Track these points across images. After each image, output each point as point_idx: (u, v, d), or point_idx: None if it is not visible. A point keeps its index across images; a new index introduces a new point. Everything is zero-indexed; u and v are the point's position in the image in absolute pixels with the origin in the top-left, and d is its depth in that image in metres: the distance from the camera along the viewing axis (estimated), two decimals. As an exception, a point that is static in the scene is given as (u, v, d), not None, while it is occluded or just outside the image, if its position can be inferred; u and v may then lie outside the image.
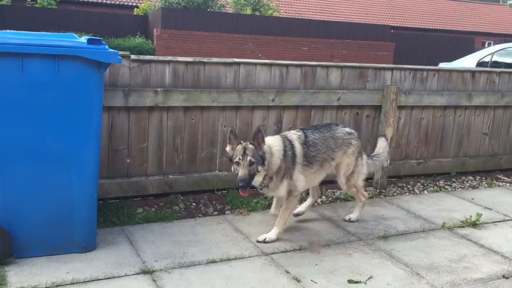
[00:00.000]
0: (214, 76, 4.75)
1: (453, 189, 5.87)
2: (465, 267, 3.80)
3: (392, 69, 5.64)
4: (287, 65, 5.10)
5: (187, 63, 4.63)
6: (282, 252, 3.89)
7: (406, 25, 34.25)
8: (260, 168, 3.74)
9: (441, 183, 6.00)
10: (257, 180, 3.84)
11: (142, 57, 4.48)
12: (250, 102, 4.88)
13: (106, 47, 3.48)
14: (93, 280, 3.27)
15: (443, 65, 11.42)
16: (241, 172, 3.69)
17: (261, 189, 4.02)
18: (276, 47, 22.10)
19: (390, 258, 3.88)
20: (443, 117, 6.02)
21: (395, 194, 5.56)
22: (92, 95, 3.50)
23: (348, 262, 3.77)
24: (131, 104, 4.37)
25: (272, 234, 4.04)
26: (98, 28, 19.88)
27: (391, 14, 35.32)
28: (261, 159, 3.75)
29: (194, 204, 4.77)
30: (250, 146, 3.74)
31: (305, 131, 4.26)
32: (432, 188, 5.80)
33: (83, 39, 3.52)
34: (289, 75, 5.10)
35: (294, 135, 4.17)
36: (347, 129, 4.50)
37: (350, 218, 4.57)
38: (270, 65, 5.01)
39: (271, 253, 3.85)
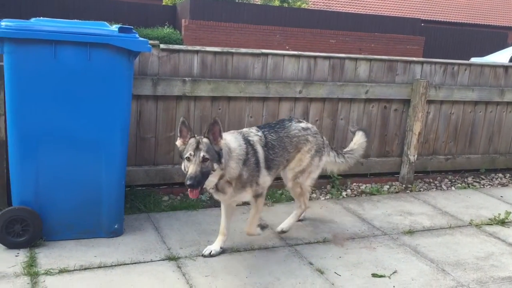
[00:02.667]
0: (242, 66, 4.76)
1: (482, 186, 5.76)
2: (492, 265, 3.73)
3: (422, 63, 5.54)
4: (315, 57, 5.07)
5: (215, 53, 4.65)
6: (306, 243, 3.89)
7: (437, 19, 33.52)
8: (216, 166, 3.19)
9: (470, 179, 5.89)
10: (211, 181, 3.26)
11: (171, 46, 4.52)
12: (277, 94, 4.88)
13: (137, 35, 3.53)
14: (120, 265, 3.34)
15: (474, 60, 11.16)
16: (192, 169, 3.10)
17: (212, 193, 3.47)
18: (303, 39, 21.93)
19: (415, 254, 3.84)
20: (474, 113, 5.90)
21: (421, 189, 5.49)
22: (122, 83, 3.55)
23: (372, 256, 3.75)
24: (159, 93, 4.41)
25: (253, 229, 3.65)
26: (127, 18, 20.05)
27: (422, 8, 34.62)
28: (217, 156, 3.20)
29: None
30: (205, 140, 3.20)
31: (264, 131, 3.74)
32: (460, 185, 5.69)
33: (114, 27, 3.56)
34: (317, 67, 5.07)
35: (255, 136, 3.64)
36: (303, 124, 3.99)
37: (282, 229, 4.00)
38: (298, 56, 4.99)
39: (294, 244, 3.86)
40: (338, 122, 5.27)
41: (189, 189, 3.11)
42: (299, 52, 5.07)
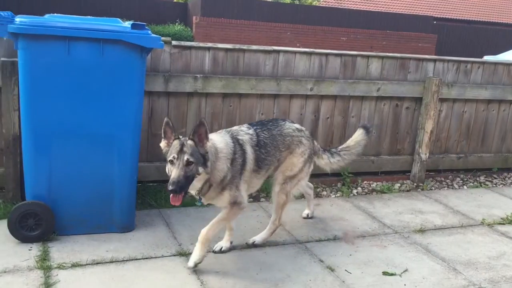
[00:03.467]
0: (253, 63, 4.76)
1: (494, 185, 5.71)
2: (505, 265, 3.70)
3: (434, 61, 5.50)
4: (326, 54, 5.05)
5: (227, 50, 4.65)
6: (316, 241, 3.89)
7: (449, 17, 33.21)
8: (201, 170, 3.01)
9: (482, 178, 5.84)
10: (196, 186, 3.11)
11: (182, 43, 4.53)
12: (288, 91, 4.87)
13: (149, 32, 3.54)
14: (131, 260, 3.36)
15: (488, 58, 11.04)
16: (175, 173, 2.94)
17: (199, 198, 3.29)
18: (314, 37, 21.86)
19: (427, 252, 3.82)
20: (487, 111, 5.84)
21: (433, 188, 5.46)
22: (134, 79, 3.57)
23: (383, 254, 3.73)
24: (171, 89, 4.43)
25: (197, 253, 3.27)
26: (139, 14, 20.12)
27: (434, 5, 34.31)
28: (203, 159, 3.03)
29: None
30: (190, 142, 3.02)
31: (256, 129, 3.55)
32: (472, 184, 5.65)
33: (127, 24, 3.58)
34: (329, 64, 5.05)
35: (246, 135, 3.45)
36: (297, 125, 3.82)
37: (254, 241, 3.72)
38: (310, 53, 4.98)
39: (305, 242, 3.86)
40: (349, 119, 5.25)
41: (171, 195, 2.95)
42: (311, 49, 5.06)
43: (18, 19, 3.29)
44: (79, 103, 3.46)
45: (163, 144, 3.18)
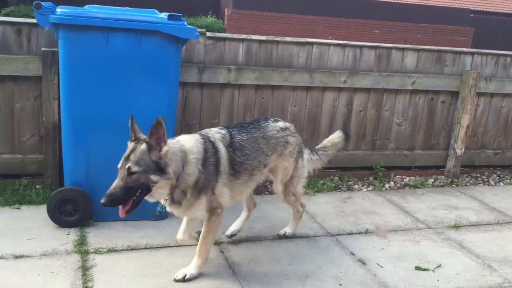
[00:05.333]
0: (287, 55, 4.75)
1: (532, 182, 5.56)
2: (543, 264, 3.61)
3: (472, 54, 5.37)
4: (361, 47, 5.00)
5: (260, 41, 4.66)
6: (348, 234, 3.87)
7: (487, 9, 32.25)
8: (155, 178, 2.67)
9: (519, 175, 5.70)
10: (160, 193, 2.80)
11: (217, 34, 4.56)
12: (321, 83, 4.85)
13: (185, 23, 3.58)
14: (165, 247, 3.43)
15: (527, 52, 10.69)
16: (114, 183, 2.66)
17: (166, 206, 2.95)
18: (347, 30, 21.57)
19: (461, 248, 3.76)
20: (526, 106, 5.68)
21: (468, 184, 5.35)
22: (170, 70, 3.62)
23: (415, 249, 3.69)
24: (204, 80, 4.47)
25: (192, 269, 3.07)
26: (172, 6, 20.19)
27: (471, -3, 33.37)
28: (155, 165, 2.67)
29: (260, 181, 4.82)
30: (142, 146, 2.69)
31: (230, 130, 3.25)
32: (509, 180, 5.51)
33: (163, 15, 3.62)
34: (363, 56, 5.00)
35: (217, 134, 3.15)
36: (280, 124, 3.50)
37: (286, 233, 3.73)
38: (344, 46, 4.93)
39: (336, 234, 3.85)
40: (382, 113, 5.19)
41: (104, 205, 2.65)
42: (345, 42, 5.01)
43: (59, 9, 3.38)
44: (116, 93, 3.53)
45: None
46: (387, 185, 5.08)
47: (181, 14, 3.64)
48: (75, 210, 3.57)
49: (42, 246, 3.29)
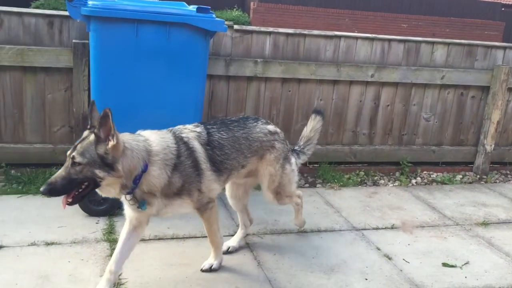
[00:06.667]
0: (314, 48, 4.73)
1: None
2: None
3: (504, 48, 5.25)
4: (389, 40, 4.94)
5: (287, 34, 4.65)
6: (374, 229, 3.85)
7: (519, 3, 31.37)
8: (102, 173, 2.44)
9: (551, 173, 5.56)
10: (108, 190, 2.56)
11: (244, 27, 4.57)
12: (348, 77, 4.81)
13: (214, 15, 3.60)
14: (191, 237, 3.47)
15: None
16: (57, 172, 2.47)
17: (141, 203, 2.68)
18: (373, 24, 21.28)
19: (489, 246, 3.70)
20: (560, 103, 5.53)
21: (497, 181, 5.25)
22: (198, 62, 3.65)
23: (443, 246, 3.65)
24: (231, 73, 4.49)
25: (215, 259, 3.10)
26: None
27: (502, -9, 32.49)
28: (101, 160, 2.44)
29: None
30: (91, 137, 2.48)
31: (208, 127, 3.02)
32: (540, 178, 5.39)
33: (192, 7, 3.65)
34: (391, 50, 4.94)
35: (191, 133, 2.91)
36: (270, 127, 3.24)
37: (296, 225, 3.69)
38: (372, 39, 4.88)
39: (362, 229, 3.83)
40: (410, 107, 5.13)
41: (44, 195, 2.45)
42: (373, 35, 4.96)
43: (91, 2, 3.43)
44: (145, 84, 3.57)
45: None
46: (413, 181, 5.02)
47: (209, 7, 3.65)
48: (104, 200, 3.63)
49: (72, 233, 3.37)
